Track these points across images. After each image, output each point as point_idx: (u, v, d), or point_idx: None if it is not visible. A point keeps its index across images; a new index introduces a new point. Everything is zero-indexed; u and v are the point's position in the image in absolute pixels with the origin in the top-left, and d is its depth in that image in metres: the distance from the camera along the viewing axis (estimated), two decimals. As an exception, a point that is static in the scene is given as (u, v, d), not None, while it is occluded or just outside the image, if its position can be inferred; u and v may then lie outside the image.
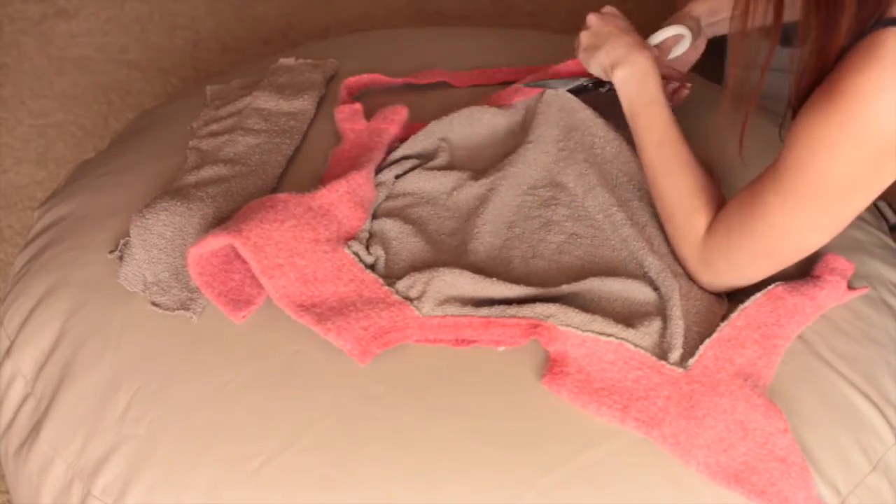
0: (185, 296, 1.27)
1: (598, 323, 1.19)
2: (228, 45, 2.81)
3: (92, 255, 1.36)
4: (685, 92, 1.50)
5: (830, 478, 1.15)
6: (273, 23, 2.89)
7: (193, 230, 1.31)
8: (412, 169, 1.41)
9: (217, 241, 1.23)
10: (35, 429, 1.25)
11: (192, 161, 1.46)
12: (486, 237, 1.31)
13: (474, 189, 1.38)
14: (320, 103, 1.57)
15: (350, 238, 1.29)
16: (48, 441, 1.23)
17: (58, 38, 2.83)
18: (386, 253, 1.29)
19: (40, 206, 1.53)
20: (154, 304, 1.27)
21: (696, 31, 1.47)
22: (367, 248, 1.29)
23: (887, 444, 1.21)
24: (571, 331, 1.19)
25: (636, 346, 1.19)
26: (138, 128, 1.65)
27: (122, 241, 1.34)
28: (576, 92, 1.46)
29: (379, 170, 1.40)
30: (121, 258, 1.33)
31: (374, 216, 1.34)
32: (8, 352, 1.33)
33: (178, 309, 1.26)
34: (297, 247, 1.25)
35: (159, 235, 1.31)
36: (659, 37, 1.45)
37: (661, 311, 1.23)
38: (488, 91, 1.59)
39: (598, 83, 1.46)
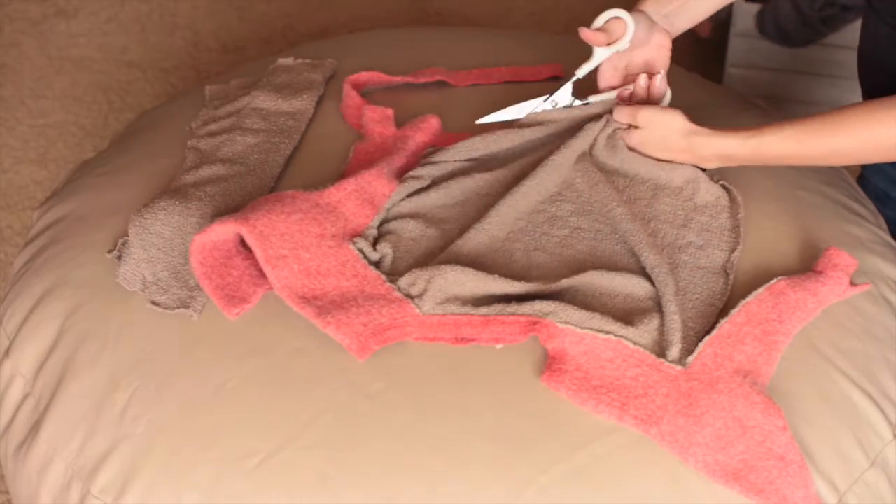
0: (185, 294, 1.27)
1: (597, 320, 1.19)
2: (228, 45, 2.81)
3: (91, 254, 1.36)
4: (659, 77, 1.43)
5: (828, 474, 1.15)
6: (273, 23, 2.89)
7: (192, 229, 1.31)
8: (450, 174, 1.40)
9: (223, 228, 1.24)
10: (34, 428, 1.25)
11: (190, 161, 1.46)
12: (492, 229, 1.31)
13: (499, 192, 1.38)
14: (319, 103, 1.57)
15: (356, 235, 1.30)
16: (47, 440, 1.23)
17: (58, 38, 2.83)
18: (395, 251, 1.29)
19: (40, 206, 1.53)
20: (153, 303, 1.27)
21: (644, 24, 1.42)
22: (375, 245, 1.30)
23: (885, 440, 1.21)
24: (570, 328, 1.19)
25: (635, 343, 1.19)
26: (138, 128, 1.66)
27: (120, 241, 1.34)
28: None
29: (403, 172, 1.40)
30: (119, 258, 1.33)
31: (395, 214, 1.34)
32: (7, 351, 1.33)
33: (177, 307, 1.26)
34: (302, 240, 1.25)
35: (158, 235, 1.31)
36: (597, 23, 1.41)
37: (657, 308, 1.23)
38: (487, 91, 1.60)
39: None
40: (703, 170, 1.39)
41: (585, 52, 1.45)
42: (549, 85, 1.55)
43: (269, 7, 2.94)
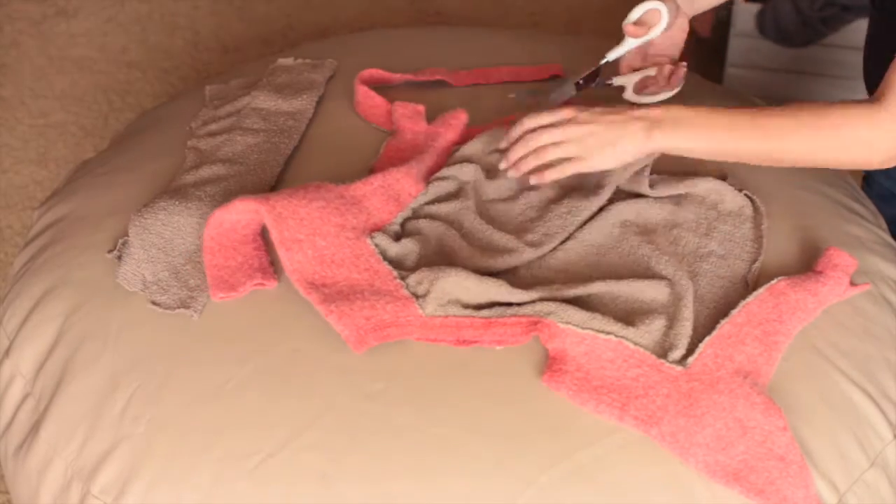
0: (185, 294, 1.27)
1: (598, 321, 1.19)
2: (228, 45, 2.81)
3: (91, 254, 1.36)
4: (682, 70, 1.47)
5: (828, 474, 1.15)
6: (273, 23, 2.89)
7: (192, 229, 1.31)
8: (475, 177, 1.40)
9: (244, 205, 1.26)
10: (34, 428, 1.25)
11: (190, 161, 1.46)
12: (508, 241, 1.31)
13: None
14: (319, 103, 1.57)
15: (377, 230, 1.31)
16: (47, 440, 1.23)
17: (58, 38, 2.83)
18: (423, 249, 1.29)
19: (40, 206, 1.53)
20: (154, 303, 1.27)
21: (674, 10, 1.46)
22: (398, 240, 1.30)
23: (885, 440, 1.21)
24: (571, 328, 1.19)
25: (636, 344, 1.19)
26: (138, 128, 1.66)
27: (120, 241, 1.34)
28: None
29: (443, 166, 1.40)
30: (119, 258, 1.33)
31: (426, 213, 1.34)
32: (7, 351, 1.33)
33: (178, 307, 1.26)
34: (321, 227, 1.27)
35: (158, 235, 1.31)
36: (636, 13, 1.45)
37: (667, 311, 1.23)
38: (487, 90, 1.60)
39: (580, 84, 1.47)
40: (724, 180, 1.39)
41: (587, 53, 1.46)
42: (548, 85, 1.55)
43: (269, 7, 2.94)
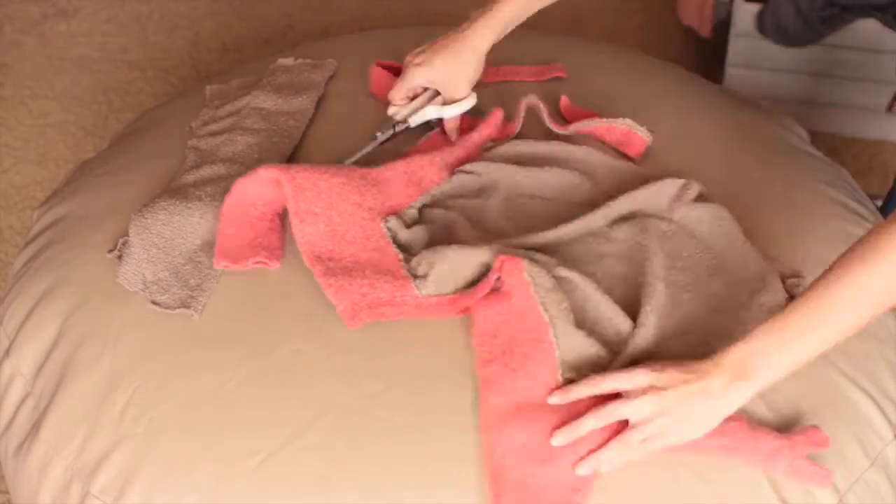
0: (186, 294, 1.27)
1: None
2: (228, 45, 2.81)
3: (91, 254, 1.36)
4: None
5: (828, 474, 1.15)
6: (273, 23, 2.89)
7: (192, 229, 1.31)
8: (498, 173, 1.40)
9: (267, 174, 1.28)
10: (34, 428, 1.25)
11: (191, 160, 1.46)
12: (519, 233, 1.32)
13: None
14: (319, 103, 1.57)
15: (394, 213, 1.32)
16: (47, 440, 1.23)
17: (58, 38, 2.82)
18: (432, 240, 1.30)
19: (40, 206, 1.53)
20: (154, 302, 1.27)
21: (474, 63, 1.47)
22: (410, 226, 1.31)
23: (885, 440, 1.21)
24: (530, 284, 1.18)
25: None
26: (138, 128, 1.66)
27: (120, 241, 1.35)
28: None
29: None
30: (119, 257, 1.33)
31: (444, 204, 1.35)
32: (7, 351, 1.33)
33: (178, 307, 1.26)
34: (338, 203, 1.29)
35: (158, 235, 1.31)
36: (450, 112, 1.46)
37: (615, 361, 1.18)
38: (487, 90, 1.60)
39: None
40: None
41: (586, 53, 1.46)
42: (550, 85, 1.55)
43: (269, 7, 2.94)
